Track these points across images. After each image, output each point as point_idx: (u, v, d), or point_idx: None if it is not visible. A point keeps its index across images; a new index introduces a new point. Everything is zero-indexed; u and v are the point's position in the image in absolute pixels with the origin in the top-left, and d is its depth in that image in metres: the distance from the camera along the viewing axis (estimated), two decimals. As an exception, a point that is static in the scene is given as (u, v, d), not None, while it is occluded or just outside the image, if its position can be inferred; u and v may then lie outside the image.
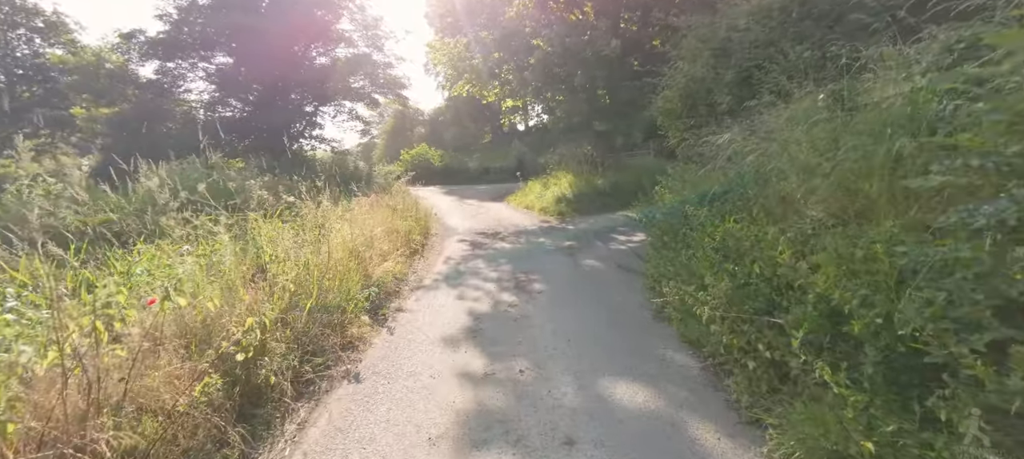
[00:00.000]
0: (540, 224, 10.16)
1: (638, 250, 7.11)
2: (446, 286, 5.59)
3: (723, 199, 4.23)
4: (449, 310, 4.69)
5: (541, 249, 7.62)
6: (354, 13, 18.28)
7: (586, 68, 10.61)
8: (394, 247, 6.33)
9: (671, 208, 4.68)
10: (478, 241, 8.46)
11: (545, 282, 5.58)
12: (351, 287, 4.33)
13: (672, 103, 6.80)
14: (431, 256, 7.34)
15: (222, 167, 8.59)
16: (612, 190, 11.86)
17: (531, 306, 4.70)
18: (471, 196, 16.48)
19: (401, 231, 7.09)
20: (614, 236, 8.44)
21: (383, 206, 7.97)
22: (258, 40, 16.69)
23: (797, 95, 4.89)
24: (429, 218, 10.28)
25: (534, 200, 12.72)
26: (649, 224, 5.53)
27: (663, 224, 4.73)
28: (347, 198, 7.74)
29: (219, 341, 2.52)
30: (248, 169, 10.29)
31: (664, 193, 5.20)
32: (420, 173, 21.77)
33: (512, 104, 14.29)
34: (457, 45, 13.37)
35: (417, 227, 8.05)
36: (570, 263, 6.55)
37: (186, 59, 17.30)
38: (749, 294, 2.72)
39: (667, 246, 4.51)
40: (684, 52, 6.92)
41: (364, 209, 7.12)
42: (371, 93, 18.98)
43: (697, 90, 6.57)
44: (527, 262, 6.69)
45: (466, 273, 6.20)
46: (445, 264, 6.78)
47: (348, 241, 5.14)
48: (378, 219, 6.88)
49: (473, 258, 7.12)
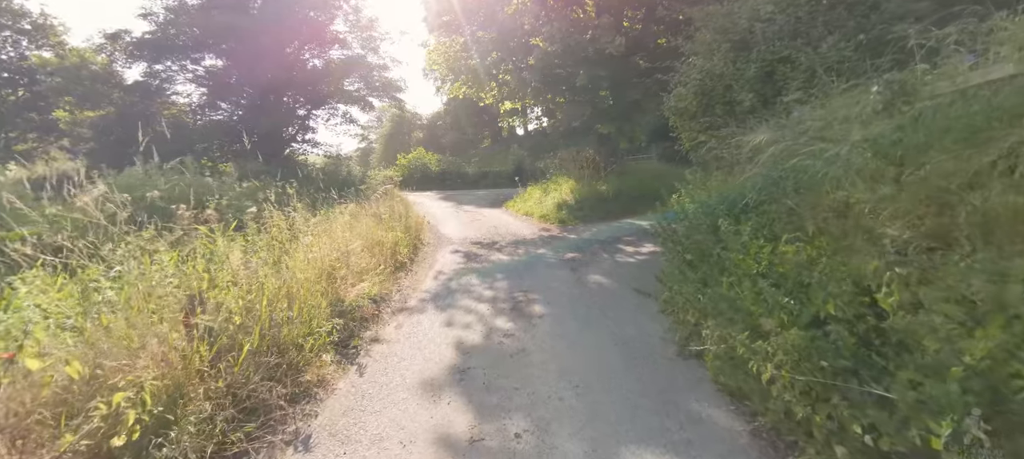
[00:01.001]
0: (540, 233, 9.42)
1: (648, 263, 6.37)
2: (433, 308, 4.84)
3: (759, 211, 3.49)
4: (434, 341, 3.94)
5: (541, 262, 6.87)
6: (348, 14, 17.61)
7: (588, 67, 9.90)
8: (376, 262, 5.58)
9: (695, 220, 3.93)
10: (473, 252, 7.72)
11: (546, 303, 4.84)
12: (315, 316, 3.59)
13: (686, 102, 6.08)
14: (420, 270, 6.59)
15: (198, 171, 7.83)
16: (616, 196, 11.13)
17: (530, 336, 3.95)
18: (468, 202, 15.75)
19: (387, 243, 6.34)
20: (620, 247, 7.70)
21: (369, 215, 7.23)
22: (249, 42, 16.01)
23: (836, 90, 4.18)
24: (421, 227, 9.53)
25: (534, 206, 11.99)
26: (667, 239, 4.78)
27: (686, 240, 3.98)
28: (328, 206, 7.00)
29: (89, 413, 1.77)
30: (231, 174, 9.54)
31: (684, 202, 4.46)
32: (417, 178, 21.07)
33: (511, 106, 13.58)
34: (453, 45, 12.66)
35: (405, 238, 7.30)
36: (574, 279, 5.80)
37: (175, 61, 16.60)
38: (824, 347, 1.98)
39: (693, 266, 3.76)
40: (698, 46, 6.21)
41: (345, 219, 6.37)
42: (366, 96, 18.28)
43: (714, 87, 5.85)
44: (526, 278, 5.95)
45: (457, 291, 5.45)
46: (435, 280, 6.03)
47: (319, 258, 4.39)
48: (360, 230, 6.14)
49: (466, 272, 6.37)
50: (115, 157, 15.98)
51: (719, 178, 4.62)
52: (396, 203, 9.17)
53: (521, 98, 12.51)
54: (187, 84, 17.23)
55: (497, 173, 21.34)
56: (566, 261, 6.82)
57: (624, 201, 11.11)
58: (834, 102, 3.85)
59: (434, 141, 31.65)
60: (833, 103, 3.86)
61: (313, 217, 6.02)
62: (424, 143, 30.61)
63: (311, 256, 4.35)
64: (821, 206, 2.95)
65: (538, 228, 9.96)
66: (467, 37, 12.15)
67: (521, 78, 10.93)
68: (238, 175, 8.84)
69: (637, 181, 11.74)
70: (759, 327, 2.35)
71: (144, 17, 14.55)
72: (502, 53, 10.72)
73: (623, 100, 10.63)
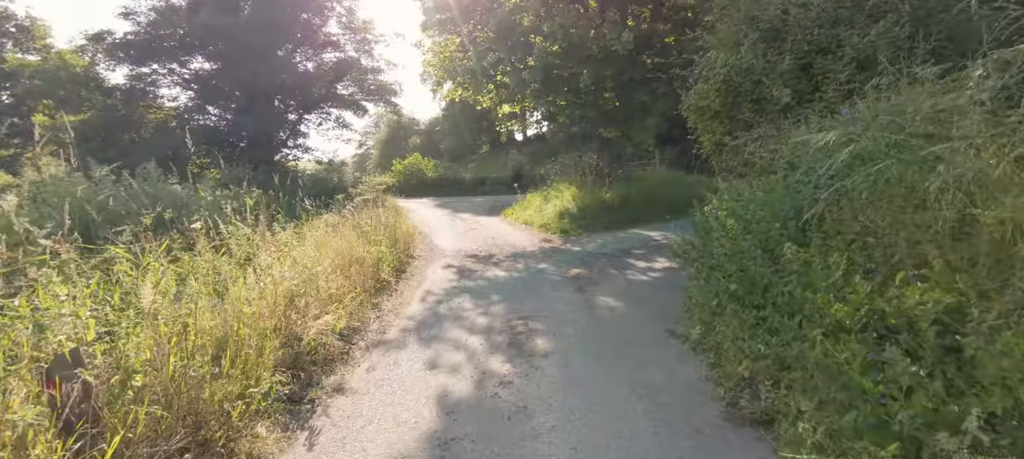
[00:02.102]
0: (541, 244, 8.60)
1: (664, 282, 5.55)
2: (416, 342, 4.01)
3: (826, 229, 2.68)
4: (412, 392, 3.10)
5: (543, 279, 6.05)
6: (342, 16, 16.89)
7: (592, 67, 9.12)
8: (352, 285, 4.75)
9: (739, 240, 3.11)
10: (467, 267, 6.89)
11: (551, 335, 4.01)
12: (257, 367, 2.76)
13: (708, 100, 5.28)
14: (407, 290, 5.76)
15: (161, 178, 7.00)
16: (621, 205, 10.33)
17: (533, 385, 3.12)
18: (465, 209, 14.93)
19: (368, 260, 5.52)
20: (630, 261, 6.88)
21: (351, 226, 6.40)
22: (239, 44, 15.27)
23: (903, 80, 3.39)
24: (411, 238, 8.71)
25: (533, 215, 11.17)
26: (697, 261, 3.96)
27: (729, 264, 3.15)
28: (310, 217, 6.17)
29: None
30: (214, 181, 8.71)
31: (722, 215, 3.64)
32: (412, 184, 20.26)
33: (509, 110, 12.80)
34: (449, 45, 11.90)
35: (392, 253, 6.48)
36: (582, 303, 4.97)
37: (161, 64, 15.82)
38: None
39: (739, 300, 2.94)
40: (722, 37, 5.43)
41: (320, 233, 5.55)
42: (360, 100, 17.52)
43: (741, 83, 5.06)
44: (526, 299, 5.12)
45: (446, 318, 4.61)
46: (422, 302, 5.20)
47: (276, 284, 3.56)
48: (337, 245, 5.31)
49: (459, 292, 5.55)
50: (97, 163, 15.23)
51: (762, 184, 3.80)
52: (385, 212, 8.34)
53: (520, 101, 11.73)
54: (174, 88, 16.47)
55: (495, 179, 20.54)
56: (571, 279, 6.00)
57: (630, 210, 10.32)
58: (913, 93, 3.05)
59: (432, 147, 30.90)
60: (912, 94, 3.06)
61: (285, 230, 5.21)
62: (422, 149, 29.84)
63: (266, 283, 3.52)
64: (932, 228, 2.13)
65: (538, 239, 9.14)
66: (464, 37, 11.39)
67: (520, 79, 10.14)
68: (213, 183, 8.00)
69: (643, 189, 10.96)
70: (878, 417, 1.53)
71: (125, 16, 13.77)
72: (501, 52, 9.95)
73: (629, 102, 9.85)
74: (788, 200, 3.02)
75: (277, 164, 16.40)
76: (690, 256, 4.11)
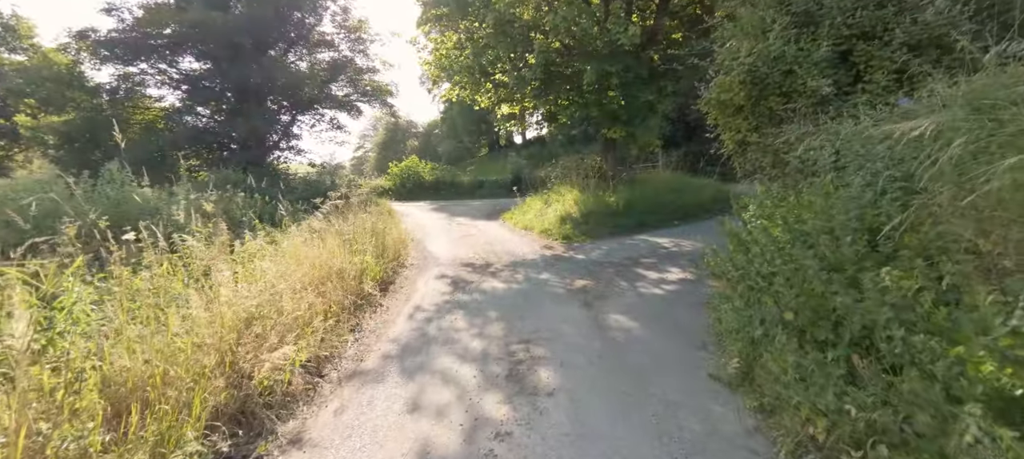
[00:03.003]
0: (542, 251, 7.97)
1: (681, 296, 4.92)
2: (397, 374, 3.37)
3: (910, 246, 2.06)
4: (385, 446, 2.46)
5: (545, 292, 5.42)
6: (336, 14, 16.29)
7: (597, 62, 8.52)
8: (327, 303, 4.11)
9: (792, 259, 2.48)
10: (462, 278, 6.26)
11: (558, 366, 3.38)
12: (176, 424, 2.12)
13: (731, 93, 4.67)
14: (394, 305, 5.12)
15: (125, 181, 6.37)
16: (626, 209, 9.70)
17: (538, 439, 2.48)
18: (462, 213, 14.30)
19: (350, 272, 4.88)
20: (640, 272, 6.25)
21: (334, 233, 5.77)
22: (230, 43, 14.65)
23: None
24: (402, 246, 8.07)
25: (534, 219, 10.54)
26: (735, 280, 3.34)
27: (788, 289, 2.51)
28: (281, 224, 5.54)
29: None
30: (183, 184, 8.07)
31: (769, 226, 3.01)
32: (409, 187, 19.63)
33: (508, 110, 12.18)
34: (447, 41, 11.30)
35: (377, 264, 5.85)
36: (590, 321, 4.34)
37: (149, 62, 15.16)
38: None
39: (798, 333, 2.31)
40: (745, 24, 4.82)
41: (298, 240, 4.92)
42: (355, 101, 16.89)
43: (769, 74, 4.46)
44: (528, 317, 4.49)
45: (435, 341, 3.98)
46: (409, 320, 4.56)
47: (227, 307, 2.92)
48: (314, 256, 4.67)
49: (451, 308, 4.91)
50: (83, 165, 14.54)
51: (815, 190, 3.17)
52: (376, 217, 7.71)
53: (520, 101, 11.12)
54: (162, 88, 15.81)
55: (494, 182, 19.93)
56: (577, 292, 5.37)
57: (635, 214, 9.69)
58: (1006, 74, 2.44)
59: (430, 150, 30.32)
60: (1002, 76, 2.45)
61: (256, 238, 4.57)
62: (420, 152, 29.25)
63: (217, 306, 2.88)
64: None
65: (539, 245, 8.51)
66: (461, 33, 10.79)
67: (520, 77, 9.54)
68: (188, 187, 7.37)
69: (650, 192, 10.34)
70: None
71: (107, 12, 13.15)
72: (499, 49, 9.34)
73: (635, 101, 9.25)
74: (851, 207, 2.39)
75: (268, 166, 15.75)
76: (728, 273, 3.47)
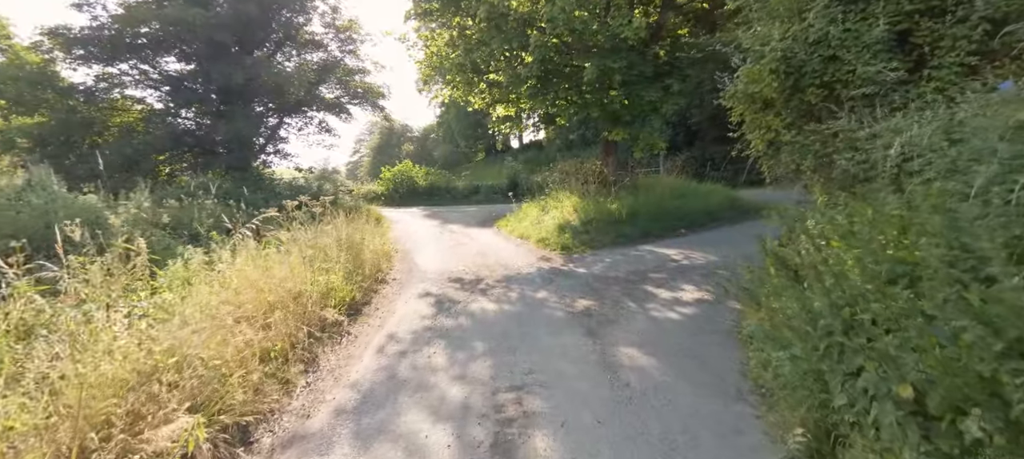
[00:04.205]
0: (539, 263, 7.17)
1: (700, 322, 4.11)
2: (348, 441, 2.55)
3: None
4: None
5: (542, 316, 4.61)
6: (325, 14, 15.52)
7: (598, 58, 7.76)
8: (274, 339, 3.29)
9: (903, 306, 1.69)
10: (448, 297, 5.45)
11: (557, 427, 2.57)
12: None
13: (761, 84, 3.90)
14: (364, 334, 4.31)
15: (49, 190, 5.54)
16: (630, 217, 8.92)
17: None
18: (456, 220, 13.51)
19: (310, 296, 4.07)
20: (650, 289, 5.46)
21: (304, 245, 4.95)
22: (213, 43, 13.86)
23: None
24: (385, 258, 7.26)
25: (530, 227, 9.75)
26: (803, 325, 2.53)
27: (886, 350, 1.71)
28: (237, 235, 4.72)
29: None
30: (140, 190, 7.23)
31: (850, 250, 2.20)
32: (402, 193, 18.83)
33: (504, 112, 11.42)
34: (438, 39, 10.54)
35: (348, 283, 5.03)
36: (597, 358, 3.54)
37: (129, 63, 14.35)
38: None
39: (925, 420, 1.51)
40: (776, 3, 4.06)
41: (246, 258, 4.11)
42: (345, 103, 16.10)
43: (807, 61, 3.70)
44: (520, 351, 3.69)
45: (405, 387, 3.17)
46: (378, 355, 3.75)
47: (115, 363, 2.11)
48: (263, 278, 3.86)
49: (431, 338, 4.10)
50: (57, 170, 13.66)
51: (929, 205, 2.37)
52: (353, 226, 6.90)
53: (516, 101, 10.35)
54: (144, 89, 14.98)
55: (490, 188, 19.14)
56: (578, 316, 4.57)
57: (639, 222, 8.91)
58: None
59: (426, 155, 29.56)
60: None
61: (186, 260, 3.76)
62: (416, 157, 28.47)
63: (90, 357, 2.07)
64: None
65: (536, 257, 7.71)
66: (453, 29, 10.04)
67: (515, 75, 8.78)
68: (140, 195, 6.54)
69: (654, 198, 9.56)
70: None
71: (78, 8, 12.35)
72: (494, 43, 8.57)
73: (639, 100, 8.48)
74: (996, 229, 1.61)
75: (254, 171, 14.91)
76: (778, 310, 2.65)
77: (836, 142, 3.39)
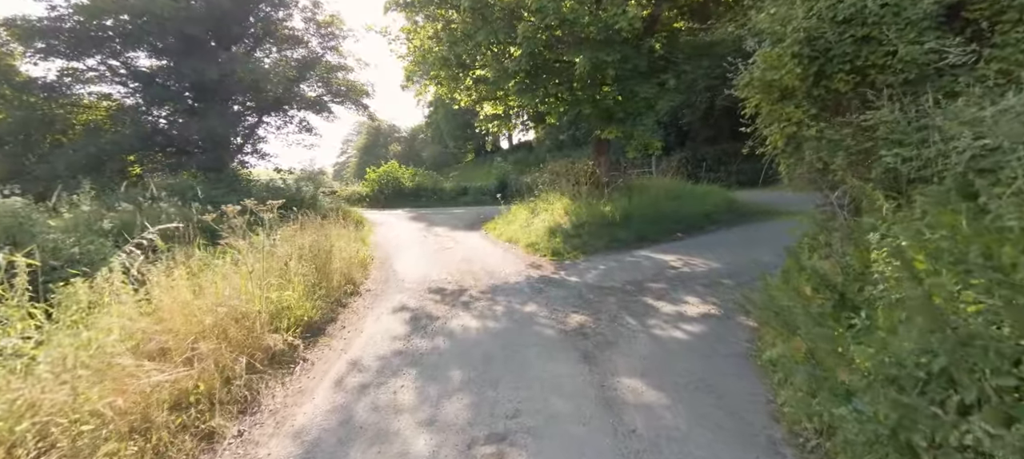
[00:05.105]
0: (528, 271, 6.58)
1: (709, 341, 3.53)
2: (273, 525, 1.93)
3: None
4: None
5: (531, 336, 4.01)
6: (306, 8, 14.77)
7: (590, 51, 7.19)
8: (198, 376, 2.64)
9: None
10: (427, 312, 4.82)
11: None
12: None
13: (781, 70, 3.35)
14: (322, 361, 3.66)
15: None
16: (624, 220, 8.37)
17: None
18: (442, 222, 12.86)
19: (259, 317, 3.41)
20: (650, 301, 4.89)
21: (271, 255, 4.27)
22: (186, 37, 13.02)
23: None
24: (361, 266, 6.60)
25: (519, 231, 9.15)
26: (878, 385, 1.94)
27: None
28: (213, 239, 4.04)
29: None
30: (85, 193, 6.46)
31: (954, 280, 1.64)
32: (388, 194, 18.10)
33: (491, 110, 10.80)
34: (422, 32, 9.89)
35: (310, 298, 4.38)
36: (595, 392, 2.95)
37: (98, 58, 13.44)
38: None
39: None
40: (794, -23, 3.52)
41: (184, 272, 3.44)
42: (327, 101, 15.35)
43: (837, 42, 3.16)
44: (503, 384, 3.08)
45: (359, 439, 2.53)
46: (333, 391, 3.11)
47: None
48: (204, 299, 3.19)
49: (401, 366, 3.47)
50: (14, 171, 12.70)
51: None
52: (323, 231, 6.23)
53: (503, 98, 9.74)
54: (112, 85, 14.07)
55: (478, 189, 18.51)
56: (572, 335, 3.98)
57: (633, 225, 8.36)
58: None
59: (414, 155, 28.81)
60: None
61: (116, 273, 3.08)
62: (404, 157, 27.69)
63: None
64: None
65: (525, 263, 7.11)
66: (437, 21, 9.40)
67: (502, 69, 8.18)
68: (88, 197, 5.78)
69: (648, 200, 9.03)
70: None
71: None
72: (481, 34, 7.96)
73: (634, 97, 7.94)
74: None
75: (230, 172, 14.08)
76: (853, 363, 2.06)
77: (875, 136, 2.85)
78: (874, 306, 1.84)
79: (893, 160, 2.59)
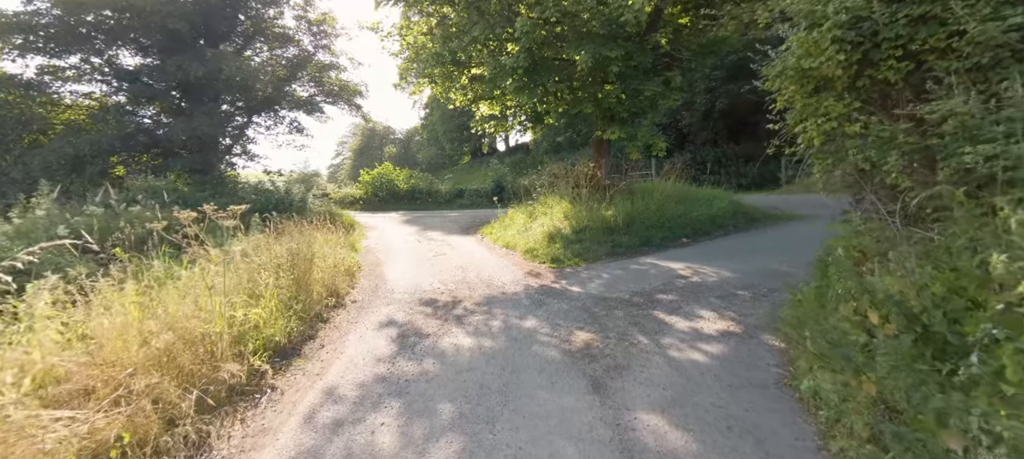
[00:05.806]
0: (527, 280, 6.11)
1: (734, 364, 3.07)
2: None
3: None
4: None
5: (532, 358, 3.54)
6: (297, 6, 14.26)
7: (593, 46, 6.75)
8: (134, 419, 2.14)
9: None
10: (416, 327, 4.34)
11: None
12: None
13: (820, 57, 2.91)
14: (293, 388, 3.17)
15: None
16: (627, 224, 7.93)
17: None
18: (437, 226, 12.38)
19: (225, 337, 2.92)
20: (661, 315, 4.43)
21: (236, 267, 3.78)
22: (172, 33, 12.49)
23: None
24: (347, 275, 6.11)
25: (516, 236, 8.69)
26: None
27: None
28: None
29: None
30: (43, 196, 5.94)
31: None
32: (382, 197, 17.58)
33: (488, 110, 10.35)
34: (416, 30, 9.43)
35: (285, 314, 3.89)
36: (608, 430, 2.48)
37: (80, 56, 12.88)
38: None
39: None
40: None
41: (137, 287, 2.94)
42: (319, 101, 14.84)
43: (887, 25, 2.73)
44: (502, 422, 2.61)
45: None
46: (302, 430, 2.62)
47: None
48: (154, 320, 2.70)
49: (382, 397, 2.99)
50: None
51: None
52: (305, 237, 5.73)
53: (500, 97, 9.29)
54: (95, 83, 13.50)
55: (475, 192, 18.04)
56: (578, 357, 3.51)
57: (637, 231, 7.93)
58: None
59: (409, 157, 28.30)
60: None
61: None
62: (400, 160, 27.15)
63: None
64: None
65: (523, 271, 6.64)
66: (431, 16, 8.95)
67: (499, 67, 7.72)
68: (45, 200, 5.27)
69: (652, 204, 8.59)
70: None
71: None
72: (477, 28, 7.51)
73: (638, 95, 7.51)
74: None
75: (217, 173, 13.53)
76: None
77: (940, 131, 2.40)
78: (991, 351, 1.39)
79: (973, 159, 2.15)
